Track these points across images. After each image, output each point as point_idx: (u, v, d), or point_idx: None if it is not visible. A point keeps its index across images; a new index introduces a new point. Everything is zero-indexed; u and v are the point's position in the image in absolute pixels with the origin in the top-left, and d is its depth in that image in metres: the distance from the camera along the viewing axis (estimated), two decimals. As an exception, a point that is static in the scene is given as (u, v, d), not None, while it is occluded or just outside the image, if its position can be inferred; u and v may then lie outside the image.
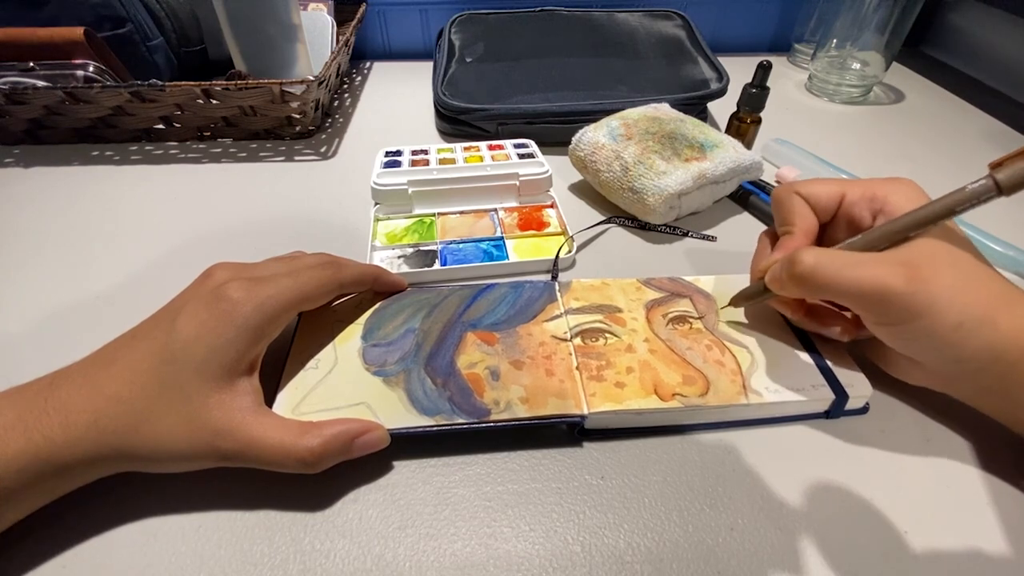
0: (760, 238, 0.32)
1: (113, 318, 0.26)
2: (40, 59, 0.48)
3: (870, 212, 0.27)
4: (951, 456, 0.27)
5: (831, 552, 0.23)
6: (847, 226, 0.28)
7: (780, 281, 0.26)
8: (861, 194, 0.27)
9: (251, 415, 0.23)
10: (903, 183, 0.27)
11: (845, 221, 0.28)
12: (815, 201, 0.28)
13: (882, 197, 0.27)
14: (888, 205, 0.26)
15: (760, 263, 0.29)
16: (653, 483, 0.26)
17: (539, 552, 0.23)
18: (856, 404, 0.28)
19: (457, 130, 0.54)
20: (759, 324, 0.31)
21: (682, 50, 0.60)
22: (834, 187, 0.28)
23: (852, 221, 0.28)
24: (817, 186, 0.28)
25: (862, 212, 0.27)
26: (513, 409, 0.26)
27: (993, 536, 0.24)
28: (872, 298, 0.23)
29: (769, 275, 0.27)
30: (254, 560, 0.23)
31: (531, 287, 0.33)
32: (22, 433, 0.21)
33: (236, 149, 0.52)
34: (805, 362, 0.29)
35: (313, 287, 0.27)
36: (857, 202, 0.27)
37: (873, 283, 0.23)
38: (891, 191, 0.26)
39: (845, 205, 0.28)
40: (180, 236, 0.41)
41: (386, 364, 0.28)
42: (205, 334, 0.23)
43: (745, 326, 0.31)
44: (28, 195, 0.46)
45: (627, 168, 0.40)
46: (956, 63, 0.71)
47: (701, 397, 0.27)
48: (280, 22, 0.50)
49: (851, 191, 0.28)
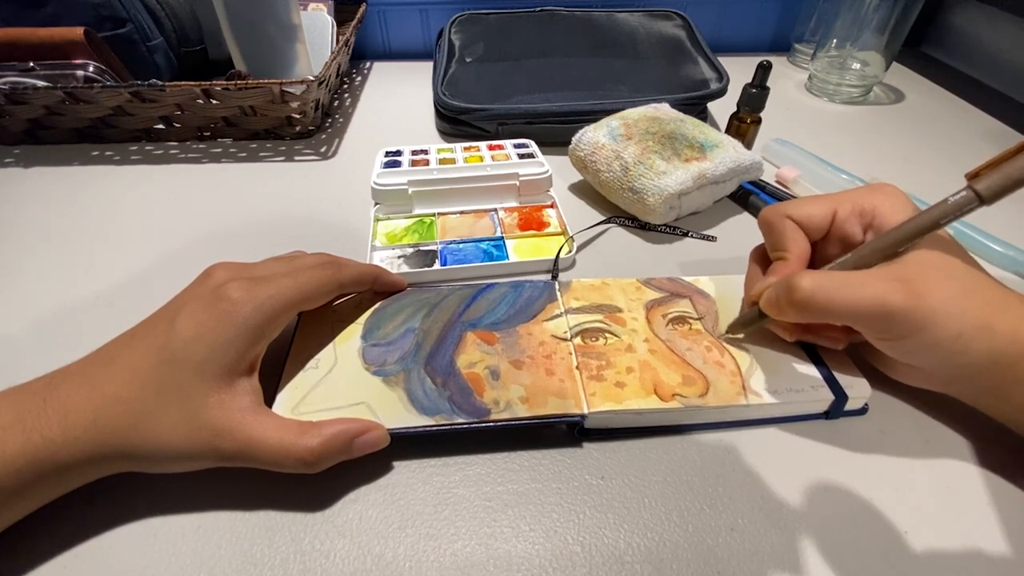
0: (750, 259, 0.31)
1: (113, 318, 0.26)
2: (40, 59, 0.48)
3: (861, 227, 0.27)
4: (951, 456, 0.27)
5: (831, 552, 0.23)
6: (840, 242, 0.28)
7: (778, 307, 0.26)
8: (851, 209, 0.27)
9: (251, 415, 0.23)
10: (888, 192, 0.27)
11: (838, 238, 0.28)
12: (807, 223, 0.28)
13: (870, 210, 0.27)
14: (877, 218, 0.26)
15: (753, 288, 0.29)
16: (653, 483, 0.26)
17: (539, 552, 0.23)
18: (855, 405, 0.28)
19: (457, 130, 0.54)
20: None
21: (682, 50, 0.60)
22: (824, 206, 0.28)
23: (844, 237, 0.28)
24: (807, 207, 0.28)
25: (854, 228, 0.27)
26: (513, 409, 0.26)
27: (993, 536, 0.24)
28: (873, 317, 0.23)
29: (764, 301, 0.27)
30: (254, 560, 0.23)
31: (531, 287, 0.33)
32: (21, 433, 0.21)
33: (236, 149, 0.52)
34: (804, 363, 0.29)
35: (313, 287, 0.27)
36: (848, 219, 0.27)
37: (873, 302, 0.23)
38: (878, 203, 0.27)
39: (837, 223, 0.28)
40: (180, 236, 0.41)
41: (386, 364, 0.28)
42: (205, 334, 0.23)
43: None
44: (28, 195, 0.46)
45: (627, 168, 0.40)
46: (956, 63, 0.71)
47: (701, 397, 0.27)
48: (280, 22, 0.50)
49: (841, 208, 0.27)
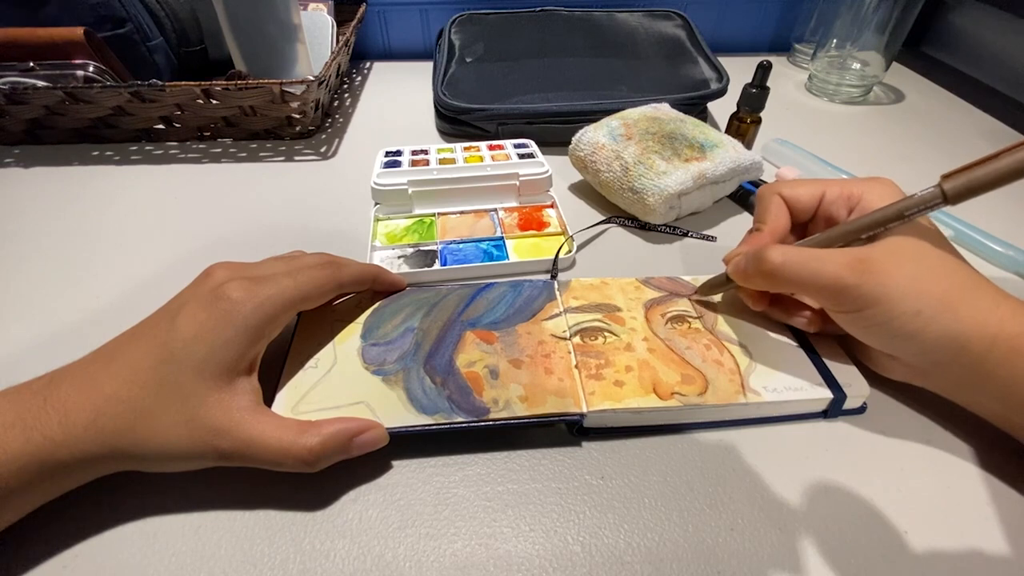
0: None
1: (113, 317, 0.26)
2: (40, 59, 0.48)
3: (846, 210, 0.29)
4: (951, 457, 0.27)
5: (831, 552, 0.23)
6: (824, 223, 0.30)
7: (745, 274, 0.28)
8: (839, 193, 0.29)
9: (250, 414, 0.23)
10: (880, 183, 0.28)
11: (824, 219, 0.30)
12: (795, 201, 0.30)
13: (857, 196, 0.28)
14: (862, 203, 0.28)
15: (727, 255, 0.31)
16: (653, 483, 0.26)
17: (539, 552, 0.23)
18: (854, 404, 0.28)
19: (457, 130, 0.54)
20: (758, 324, 0.31)
21: (682, 50, 0.60)
22: (815, 188, 0.29)
23: (830, 219, 0.29)
24: (799, 187, 0.30)
25: (839, 210, 0.29)
26: (512, 407, 0.26)
27: (993, 536, 0.24)
28: (827, 290, 0.25)
29: (732, 268, 0.29)
30: (254, 560, 0.23)
31: (530, 286, 0.33)
32: (21, 432, 0.21)
33: (236, 149, 0.52)
34: (803, 362, 0.29)
35: (312, 287, 0.27)
36: (835, 201, 0.29)
37: (829, 277, 0.24)
38: (867, 190, 0.28)
39: (824, 204, 0.29)
40: (180, 236, 0.41)
41: (385, 363, 0.28)
42: (204, 334, 0.23)
43: (744, 325, 0.31)
44: (28, 195, 0.46)
45: (627, 168, 0.40)
46: (956, 63, 0.71)
47: (700, 396, 0.27)
48: (280, 22, 0.50)
49: (830, 191, 0.29)
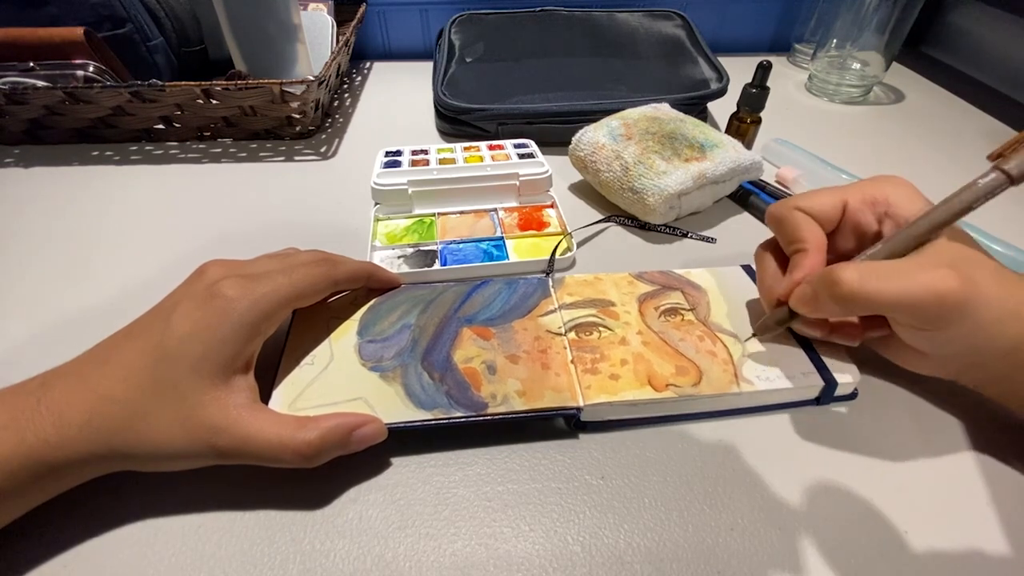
0: (761, 258, 0.30)
1: (112, 317, 0.26)
2: (40, 59, 0.48)
3: (875, 216, 0.27)
4: (952, 457, 0.27)
5: (831, 552, 0.23)
6: (852, 233, 0.28)
7: (815, 303, 0.25)
8: (862, 199, 0.27)
9: (247, 411, 0.23)
10: (897, 182, 0.27)
11: (850, 228, 0.28)
12: (818, 214, 0.27)
13: (883, 200, 0.26)
14: (892, 207, 0.26)
15: (775, 287, 0.28)
16: (653, 483, 0.26)
17: (539, 552, 0.23)
18: (845, 391, 0.28)
19: (457, 130, 0.54)
20: (749, 314, 0.31)
21: (682, 50, 0.60)
22: (834, 197, 0.27)
23: (857, 227, 0.27)
24: (817, 198, 0.28)
25: (867, 218, 0.27)
26: (510, 402, 0.26)
27: (993, 536, 0.24)
28: (924, 305, 0.22)
29: (798, 299, 0.26)
30: (254, 560, 0.23)
31: (525, 283, 0.33)
32: (15, 433, 0.21)
33: (236, 149, 0.52)
34: (794, 350, 0.29)
35: (307, 284, 0.27)
36: (860, 208, 0.27)
37: (926, 290, 0.22)
38: (890, 192, 0.26)
39: (849, 213, 0.27)
40: (179, 236, 0.41)
41: (382, 360, 0.28)
42: (200, 332, 0.23)
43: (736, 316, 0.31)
44: (28, 195, 0.46)
45: (627, 168, 0.40)
46: (956, 63, 0.71)
47: (694, 387, 0.27)
48: (280, 22, 0.50)
49: (852, 198, 0.27)
